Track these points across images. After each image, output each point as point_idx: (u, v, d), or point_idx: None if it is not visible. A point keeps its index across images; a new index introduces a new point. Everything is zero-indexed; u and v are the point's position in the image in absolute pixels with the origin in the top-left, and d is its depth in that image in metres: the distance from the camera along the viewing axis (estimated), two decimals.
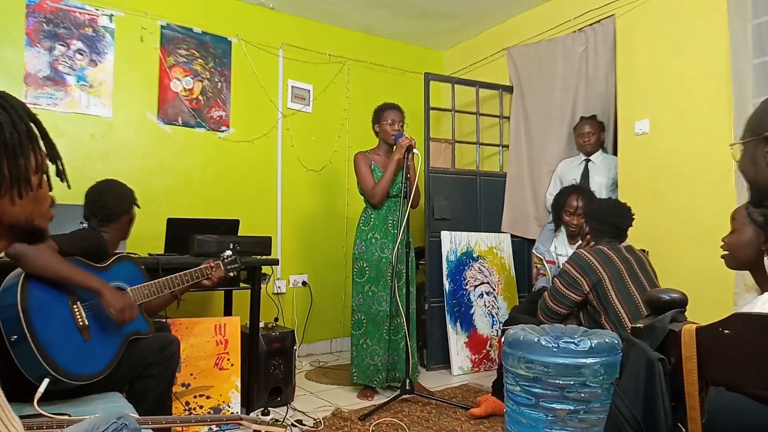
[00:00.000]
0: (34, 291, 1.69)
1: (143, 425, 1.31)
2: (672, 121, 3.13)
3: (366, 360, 3.07)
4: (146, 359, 1.95)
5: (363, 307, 3.09)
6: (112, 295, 1.84)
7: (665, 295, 0.98)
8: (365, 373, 3.07)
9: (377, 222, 3.14)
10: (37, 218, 0.94)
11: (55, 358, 1.64)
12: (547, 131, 3.87)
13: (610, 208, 2.59)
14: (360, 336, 3.09)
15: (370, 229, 3.14)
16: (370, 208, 3.18)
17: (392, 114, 3.13)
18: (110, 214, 2.12)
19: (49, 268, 1.72)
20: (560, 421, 1.88)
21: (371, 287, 3.08)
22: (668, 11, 3.16)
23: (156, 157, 3.63)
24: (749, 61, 2.75)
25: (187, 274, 2.19)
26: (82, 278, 1.80)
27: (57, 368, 1.63)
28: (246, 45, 3.99)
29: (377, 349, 3.07)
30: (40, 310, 1.68)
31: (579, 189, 3.14)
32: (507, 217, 4.07)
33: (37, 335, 1.63)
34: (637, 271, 2.39)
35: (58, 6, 3.34)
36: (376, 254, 3.09)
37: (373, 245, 3.10)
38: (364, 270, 3.10)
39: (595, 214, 2.60)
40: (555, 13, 3.91)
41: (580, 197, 3.05)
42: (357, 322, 3.10)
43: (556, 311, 2.46)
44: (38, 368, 1.61)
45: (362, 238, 3.14)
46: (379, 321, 3.07)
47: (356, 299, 3.12)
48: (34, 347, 1.61)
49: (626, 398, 0.92)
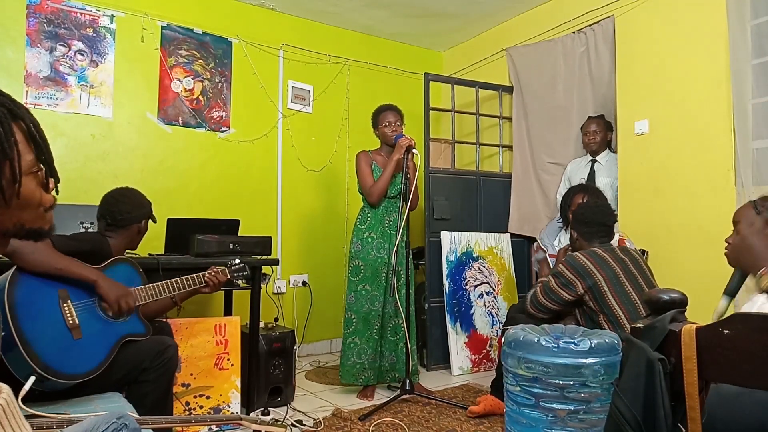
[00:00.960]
0: (21, 289, 1.67)
1: (143, 425, 1.31)
2: (672, 121, 3.13)
3: (352, 359, 3.06)
4: (142, 363, 1.90)
5: (355, 305, 3.09)
6: (107, 285, 1.83)
7: (665, 295, 0.98)
8: (350, 373, 3.07)
9: (374, 222, 3.14)
10: (28, 222, 0.92)
11: (42, 356, 1.62)
12: (551, 131, 3.87)
13: (593, 208, 2.59)
14: (349, 335, 3.08)
15: (366, 228, 3.14)
16: (367, 208, 3.19)
17: (389, 116, 3.14)
18: (120, 219, 2.12)
19: (43, 261, 1.71)
20: (560, 422, 1.88)
21: (365, 286, 3.09)
22: (668, 11, 3.16)
23: (156, 157, 3.64)
24: (749, 61, 2.75)
25: (189, 279, 2.16)
26: (77, 269, 1.80)
27: (44, 366, 1.61)
28: (246, 45, 3.99)
29: (365, 348, 3.06)
30: (28, 309, 1.66)
31: (586, 188, 3.14)
32: (514, 217, 4.07)
33: (23, 333, 1.61)
34: (633, 270, 2.38)
35: (58, 6, 3.34)
36: (372, 253, 3.09)
37: (369, 244, 3.11)
38: (359, 269, 3.11)
39: (581, 218, 2.59)
40: (555, 14, 3.91)
41: (587, 196, 3.05)
42: (347, 321, 3.10)
43: (545, 306, 2.47)
44: (25, 367, 1.59)
45: (359, 237, 3.14)
46: (370, 320, 3.07)
47: (349, 297, 3.12)
48: (20, 345, 1.59)
49: (626, 398, 0.92)
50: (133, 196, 2.20)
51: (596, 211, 2.57)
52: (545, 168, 3.90)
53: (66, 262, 1.77)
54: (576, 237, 2.60)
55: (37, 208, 0.93)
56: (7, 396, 0.69)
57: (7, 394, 0.69)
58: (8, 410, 0.68)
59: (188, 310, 3.00)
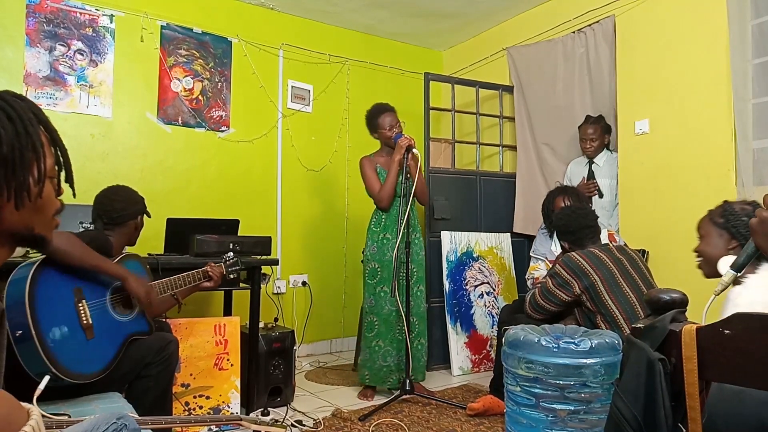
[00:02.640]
0: (42, 287, 1.69)
1: (143, 425, 1.31)
2: (672, 121, 3.13)
3: (378, 362, 3.04)
4: (145, 359, 1.94)
5: (375, 308, 3.07)
6: (136, 282, 1.90)
7: (665, 295, 0.98)
8: (378, 375, 3.05)
9: (389, 222, 3.12)
10: (37, 226, 0.93)
11: (57, 356, 1.64)
12: (553, 130, 3.87)
13: (570, 216, 2.57)
14: (373, 338, 3.06)
15: (381, 230, 3.13)
16: (380, 210, 3.18)
17: (386, 118, 3.12)
18: (116, 217, 2.13)
19: (84, 258, 1.78)
20: (560, 422, 1.88)
21: (383, 288, 3.06)
22: (668, 11, 3.16)
23: (156, 157, 3.64)
24: (749, 61, 2.75)
25: (190, 275, 2.20)
26: (110, 266, 1.87)
27: (58, 366, 1.63)
28: (246, 45, 3.99)
29: (390, 350, 3.05)
30: (47, 307, 1.68)
31: (565, 190, 3.15)
32: (519, 217, 4.06)
33: (41, 332, 1.63)
34: (630, 270, 2.38)
35: (58, 6, 3.34)
36: (388, 254, 3.06)
37: (385, 246, 3.09)
38: (376, 271, 3.09)
39: (564, 229, 2.58)
40: (555, 14, 3.91)
41: (567, 197, 3.05)
42: (369, 324, 3.08)
43: (544, 307, 2.47)
44: (40, 365, 1.61)
45: (374, 240, 3.12)
46: (391, 322, 3.05)
47: (368, 301, 3.10)
48: (38, 344, 1.61)
49: (626, 398, 0.92)
50: (124, 193, 2.21)
51: (575, 217, 2.55)
52: (550, 167, 3.90)
53: (100, 258, 1.84)
54: (568, 247, 2.60)
55: (50, 212, 0.95)
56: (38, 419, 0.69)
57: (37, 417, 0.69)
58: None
59: (188, 310, 3.00)
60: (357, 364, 3.37)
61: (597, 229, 2.58)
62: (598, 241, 2.55)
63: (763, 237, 1.14)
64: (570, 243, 2.57)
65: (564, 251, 2.67)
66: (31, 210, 0.90)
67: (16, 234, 0.91)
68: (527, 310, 2.54)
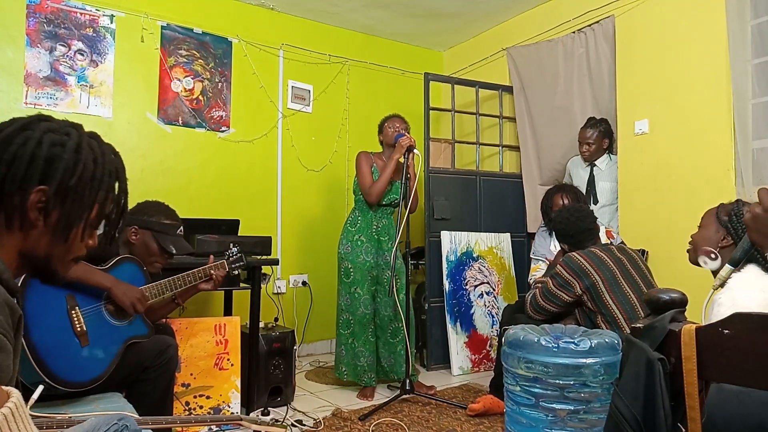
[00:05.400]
0: (31, 296, 1.67)
1: (143, 425, 1.31)
2: (672, 121, 3.13)
3: (353, 360, 3.09)
4: (143, 363, 1.92)
5: (351, 307, 3.10)
6: (121, 290, 1.86)
7: (665, 295, 0.98)
8: (354, 372, 3.09)
9: (363, 225, 3.15)
10: (54, 259, 0.93)
11: (50, 365, 1.62)
12: (555, 130, 3.86)
13: (568, 219, 2.57)
14: (348, 335, 3.10)
15: (356, 230, 3.15)
16: (358, 210, 3.20)
17: (395, 122, 3.17)
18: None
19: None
20: (560, 421, 1.88)
21: (356, 289, 3.09)
22: (668, 11, 3.16)
23: (156, 157, 3.64)
24: (749, 61, 2.75)
25: (190, 275, 2.18)
26: (93, 277, 1.82)
27: (52, 375, 1.61)
28: (246, 45, 3.99)
29: (363, 351, 3.08)
30: (37, 316, 1.65)
31: (563, 188, 3.15)
32: (531, 216, 4.06)
33: (32, 341, 1.61)
34: (631, 270, 2.38)
35: (58, 6, 3.34)
36: (361, 257, 3.09)
37: (359, 247, 3.11)
38: (350, 271, 3.11)
39: (563, 232, 2.59)
40: (555, 14, 3.91)
41: (565, 195, 3.05)
42: (345, 322, 3.11)
43: (545, 308, 2.47)
44: (33, 374, 1.59)
45: (349, 239, 3.14)
46: (365, 323, 3.09)
47: (344, 299, 3.13)
48: (29, 354, 1.59)
49: (626, 398, 0.92)
50: (158, 205, 2.27)
51: (573, 221, 2.55)
52: (555, 166, 3.90)
53: (81, 270, 1.79)
54: (568, 249, 2.60)
55: (73, 254, 0.97)
56: (17, 400, 0.70)
57: (16, 398, 0.70)
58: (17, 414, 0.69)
59: (188, 310, 2.99)
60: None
61: (596, 230, 2.58)
62: (597, 242, 2.55)
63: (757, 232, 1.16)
64: (570, 246, 2.58)
65: (564, 251, 2.67)
66: (59, 244, 0.91)
67: (33, 258, 0.91)
68: (528, 311, 2.54)
